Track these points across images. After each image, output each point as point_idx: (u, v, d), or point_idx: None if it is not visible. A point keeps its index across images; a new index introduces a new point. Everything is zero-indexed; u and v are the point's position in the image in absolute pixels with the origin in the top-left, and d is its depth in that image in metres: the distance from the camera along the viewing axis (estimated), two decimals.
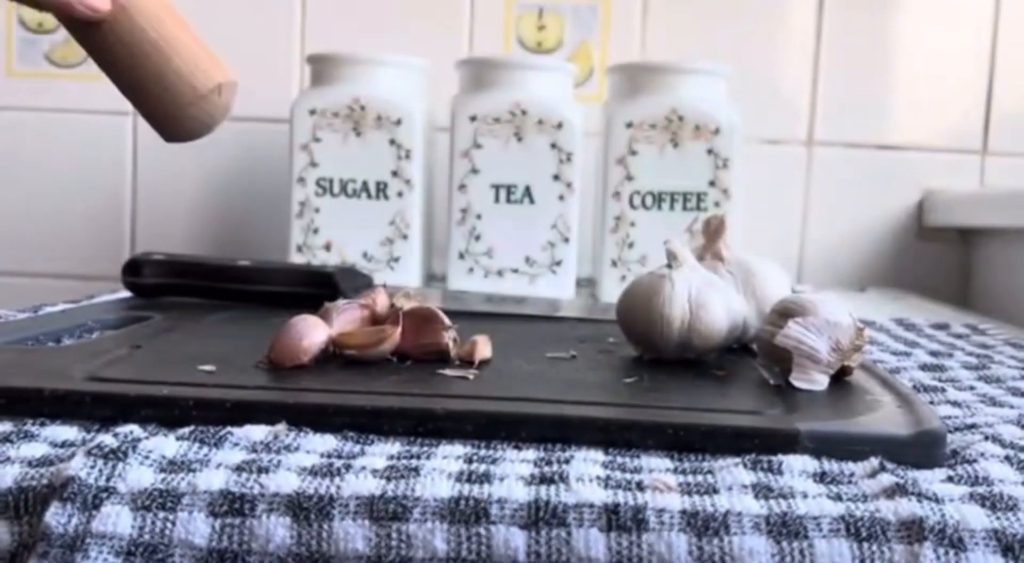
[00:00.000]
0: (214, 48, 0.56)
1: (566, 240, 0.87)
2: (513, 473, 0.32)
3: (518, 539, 0.30)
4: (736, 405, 0.40)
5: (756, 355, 0.51)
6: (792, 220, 1.13)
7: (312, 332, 0.45)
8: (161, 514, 0.30)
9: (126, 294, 0.71)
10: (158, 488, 0.31)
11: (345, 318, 0.48)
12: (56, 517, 0.30)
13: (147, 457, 0.32)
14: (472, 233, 0.87)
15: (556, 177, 0.86)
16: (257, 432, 0.35)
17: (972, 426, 0.41)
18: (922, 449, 0.35)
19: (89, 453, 0.32)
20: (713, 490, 0.31)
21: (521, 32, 1.10)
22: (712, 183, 0.86)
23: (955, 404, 0.46)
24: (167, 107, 0.41)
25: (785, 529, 0.29)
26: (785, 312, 0.45)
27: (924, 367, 0.56)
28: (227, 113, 0.43)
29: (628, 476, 0.32)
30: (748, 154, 0.98)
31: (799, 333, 0.43)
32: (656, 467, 0.34)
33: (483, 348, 0.47)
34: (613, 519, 0.30)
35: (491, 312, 0.66)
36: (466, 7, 1.10)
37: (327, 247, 0.90)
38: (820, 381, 0.43)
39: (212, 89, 0.41)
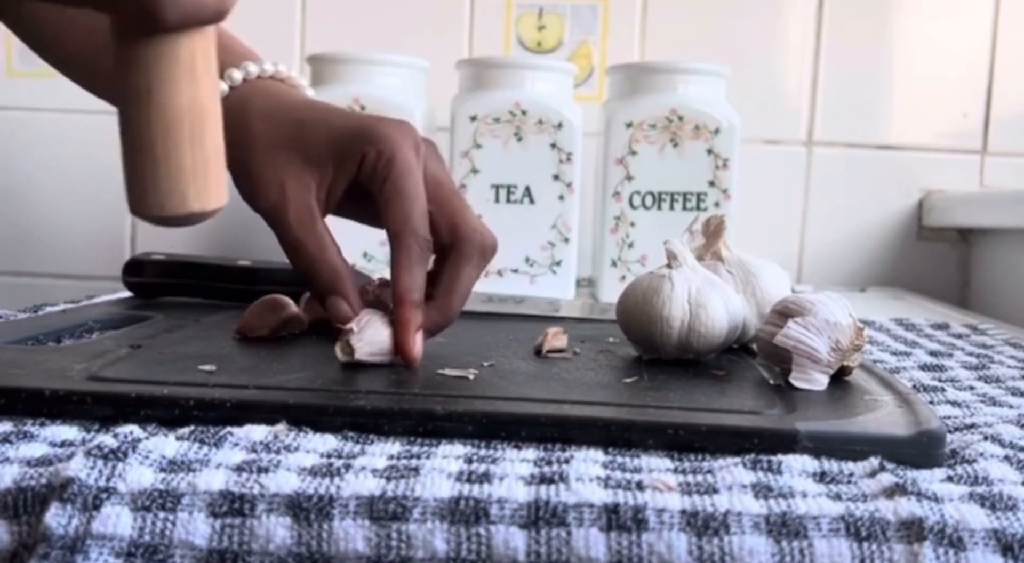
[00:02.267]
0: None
1: (566, 240, 0.87)
2: (513, 473, 0.32)
3: (518, 539, 0.30)
4: (736, 405, 0.40)
5: (756, 355, 0.51)
6: (792, 220, 1.13)
7: (276, 308, 0.53)
8: (161, 515, 0.30)
9: (126, 294, 0.71)
10: (158, 488, 0.31)
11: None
12: (56, 518, 0.30)
13: (147, 457, 0.32)
14: None
15: (556, 177, 0.86)
16: (257, 432, 0.35)
17: (972, 426, 0.41)
18: (922, 449, 0.35)
19: (89, 453, 0.32)
20: (713, 490, 0.31)
21: (521, 32, 1.10)
22: (712, 183, 0.86)
23: (955, 404, 0.46)
24: (133, 196, 0.37)
25: (785, 529, 0.29)
26: (785, 312, 0.45)
27: (924, 367, 0.56)
28: (198, 222, 0.39)
29: (628, 476, 0.32)
30: (748, 154, 0.98)
31: (798, 333, 0.43)
32: (656, 467, 0.34)
33: (554, 339, 0.51)
34: (613, 519, 0.30)
35: (491, 312, 0.66)
36: (466, 7, 1.10)
37: None
38: (820, 381, 0.43)
39: (180, 215, 0.37)
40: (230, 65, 0.52)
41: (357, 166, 0.48)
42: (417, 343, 0.45)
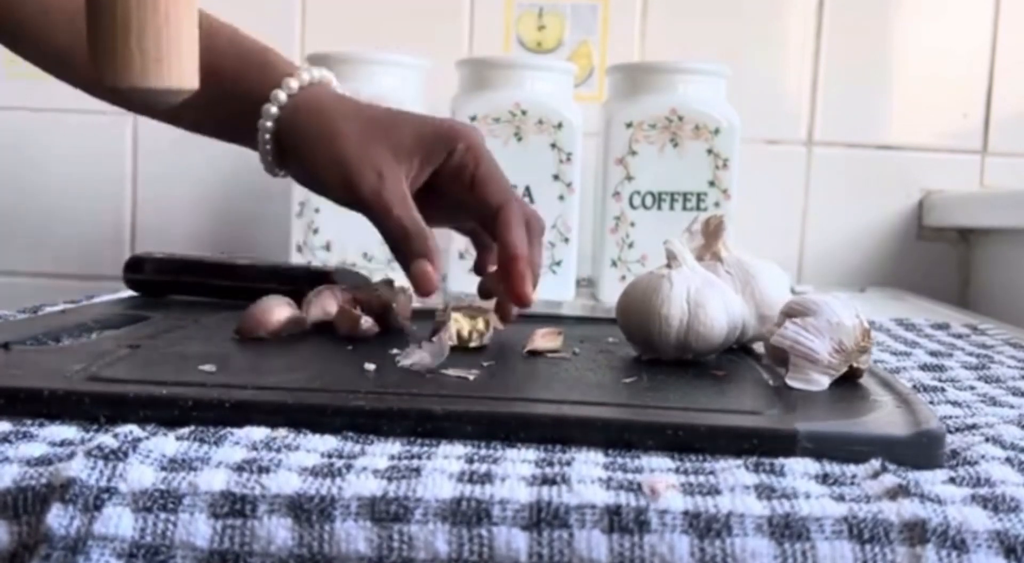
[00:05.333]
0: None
1: (566, 240, 0.87)
2: (514, 473, 0.32)
3: (520, 540, 0.30)
4: (735, 405, 0.40)
5: (754, 355, 0.51)
6: (792, 220, 1.13)
7: (276, 309, 0.52)
8: (163, 515, 0.30)
9: (127, 294, 0.70)
10: (159, 488, 0.31)
11: (323, 302, 0.55)
12: (58, 519, 0.30)
13: (147, 456, 0.32)
14: None
15: (556, 177, 0.86)
16: (257, 433, 0.35)
17: (972, 426, 0.41)
18: (921, 450, 0.35)
19: (89, 454, 0.32)
20: (715, 491, 0.31)
21: (521, 32, 1.10)
22: (712, 183, 0.86)
23: (955, 404, 0.46)
24: (107, 67, 0.36)
25: (787, 530, 0.29)
26: (791, 313, 0.45)
27: (924, 367, 0.56)
28: (171, 101, 0.39)
29: (629, 477, 0.32)
30: (748, 154, 0.98)
31: (795, 333, 0.43)
32: (658, 467, 0.34)
33: (542, 339, 0.52)
34: (615, 520, 0.30)
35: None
36: (466, 7, 1.10)
37: (327, 247, 0.90)
38: (818, 381, 0.42)
39: (123, 88, 0.36)
40: (286, 72, 0.57)
41: (444, 159, 0.55)
42: (529, 289, 0.53)
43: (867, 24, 1.11)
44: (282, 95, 0.56)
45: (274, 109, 0.56)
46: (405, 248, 0.53)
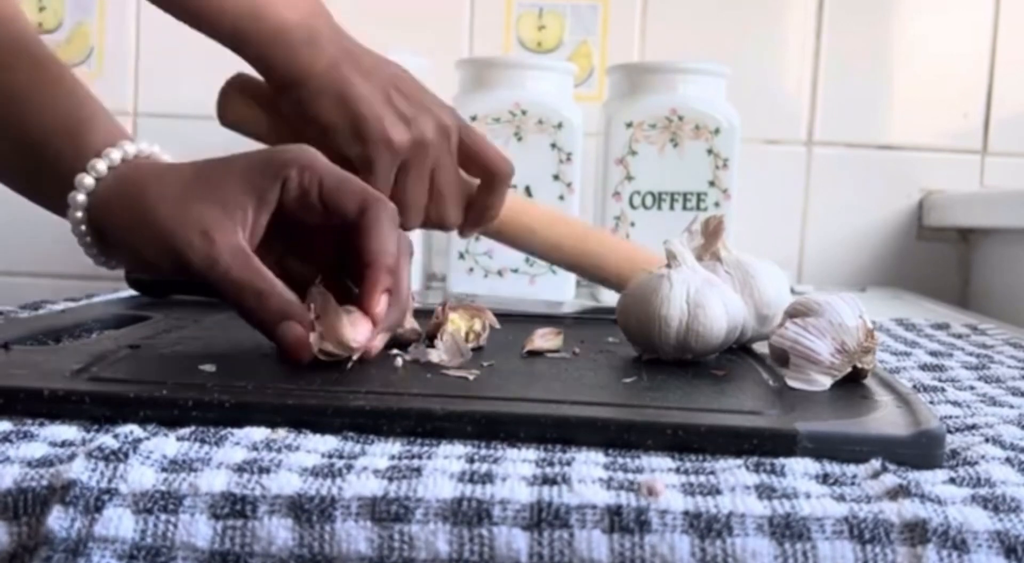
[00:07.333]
0: (214, 49, 0.55)
1: None
2: (515, 473, 0.32)
3: (520, 540, 0.30)
4: (735, 405, 0.40)
5: (754, 355, 0.51)
6: (792, 220, 1.13)
7: (363, 322, 0.44)
8: (163, 516, 0.30)
9: (127, 294, 0.70)
10: (160, 489, 0.31)
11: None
12: (58, 521, 0.30)
13: (148, 457, 0.32)
14: None
15: (556, 177, 0.86)
16: (257, 433, 0.35)
17: (972, 426, 0.41)
18: (921, 450, 0.35)
19: (90, 455, 0.32)
20: (716, 491, 0.31)
21: (521, 32, 1.10)
22: (712, 183, 0.86)
23: (955, 404, 0.46)
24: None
25: (788, 530, 0.29)
26: (795, 313, 0.45)
27: (924, 367, 0.56)
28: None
29: (630, 477, 0.32)
30: (748, 154, 0.98)
31: (795, 333, 0.43)
32: (658, 467, 0.34)
33: (542, 340, 0.51)
34: (616, 520, 0.30)
35: (491, 312, 0.66)
36: (466, 7, 1.10)
37: None
38: (819, 382, 0.42)
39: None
40: (104, 144, 0.50)
41: (279, 194, 0.47)
42: (382, 303, 0.45)
43: (867, 24, 1.11)
44: (88, 180, 0.49)
45: (81, 197, 0.50)
46: (259, 313, 0.45)
